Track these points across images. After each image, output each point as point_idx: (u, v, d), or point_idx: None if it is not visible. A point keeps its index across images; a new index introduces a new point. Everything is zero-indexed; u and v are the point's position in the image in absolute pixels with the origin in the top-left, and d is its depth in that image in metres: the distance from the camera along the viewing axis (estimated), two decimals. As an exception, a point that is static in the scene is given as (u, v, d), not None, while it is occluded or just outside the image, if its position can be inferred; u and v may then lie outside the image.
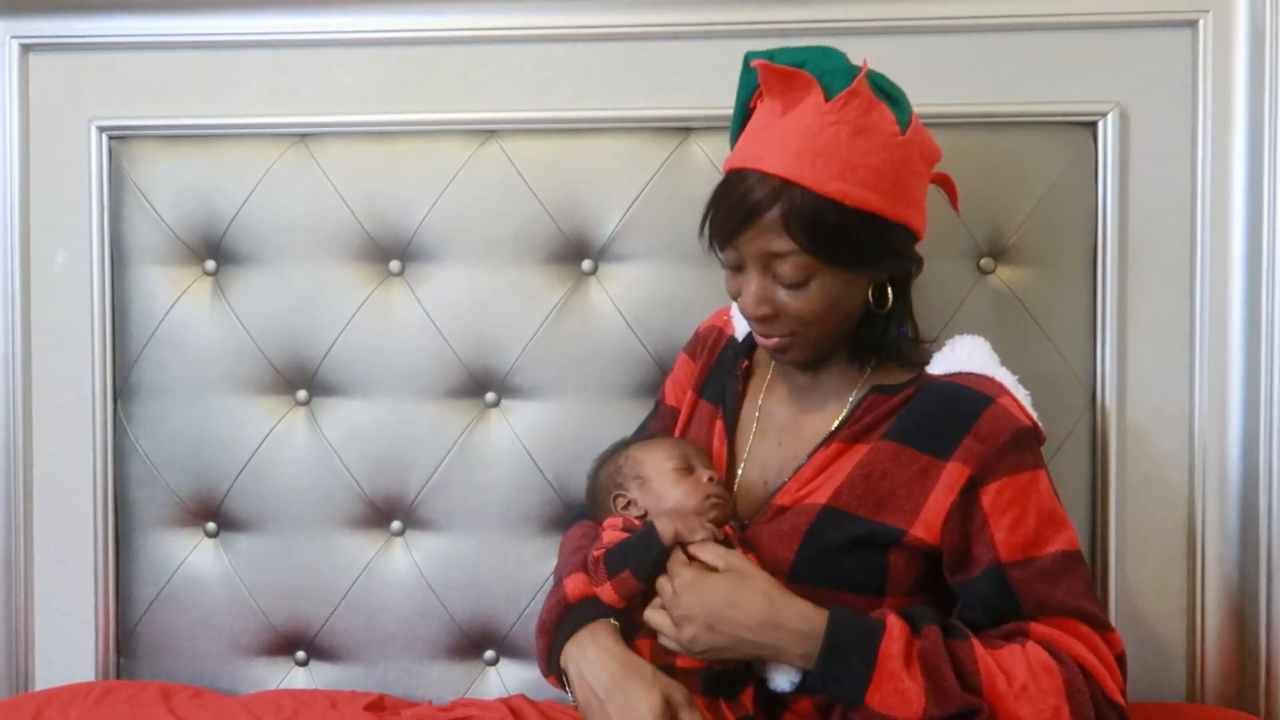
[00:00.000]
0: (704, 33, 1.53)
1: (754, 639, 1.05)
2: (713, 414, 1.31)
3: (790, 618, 1.05)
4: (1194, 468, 1.51)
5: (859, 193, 1.08)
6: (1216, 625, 1.50)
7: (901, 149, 1.11)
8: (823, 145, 1.08)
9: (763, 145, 1.11)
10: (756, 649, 1.06)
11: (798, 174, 1.08)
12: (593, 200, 1.53)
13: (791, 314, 1.13)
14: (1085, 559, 1.13)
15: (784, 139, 1.09)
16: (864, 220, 1.09)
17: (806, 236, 1.08)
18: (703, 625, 1.05)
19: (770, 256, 1.11)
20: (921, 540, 1.10)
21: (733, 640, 1.05)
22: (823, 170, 1.07)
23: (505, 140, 1.54)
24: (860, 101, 1.09)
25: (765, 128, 1.12)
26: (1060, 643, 1.05)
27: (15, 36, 1.58)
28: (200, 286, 1.58)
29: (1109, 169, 1.48)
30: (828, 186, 1.07)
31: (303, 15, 1.56)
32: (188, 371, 1.56)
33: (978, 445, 1.09)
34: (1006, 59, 1.51)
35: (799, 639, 1.04)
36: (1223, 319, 1.49)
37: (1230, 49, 1.47)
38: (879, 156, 1.09)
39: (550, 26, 1.54)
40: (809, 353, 1.19)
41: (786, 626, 1.04)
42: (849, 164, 1.08)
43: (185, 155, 1.57)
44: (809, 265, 1.10)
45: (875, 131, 1.09)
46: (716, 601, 1.05)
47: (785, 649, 1.05)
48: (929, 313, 1.45)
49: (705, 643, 1.05)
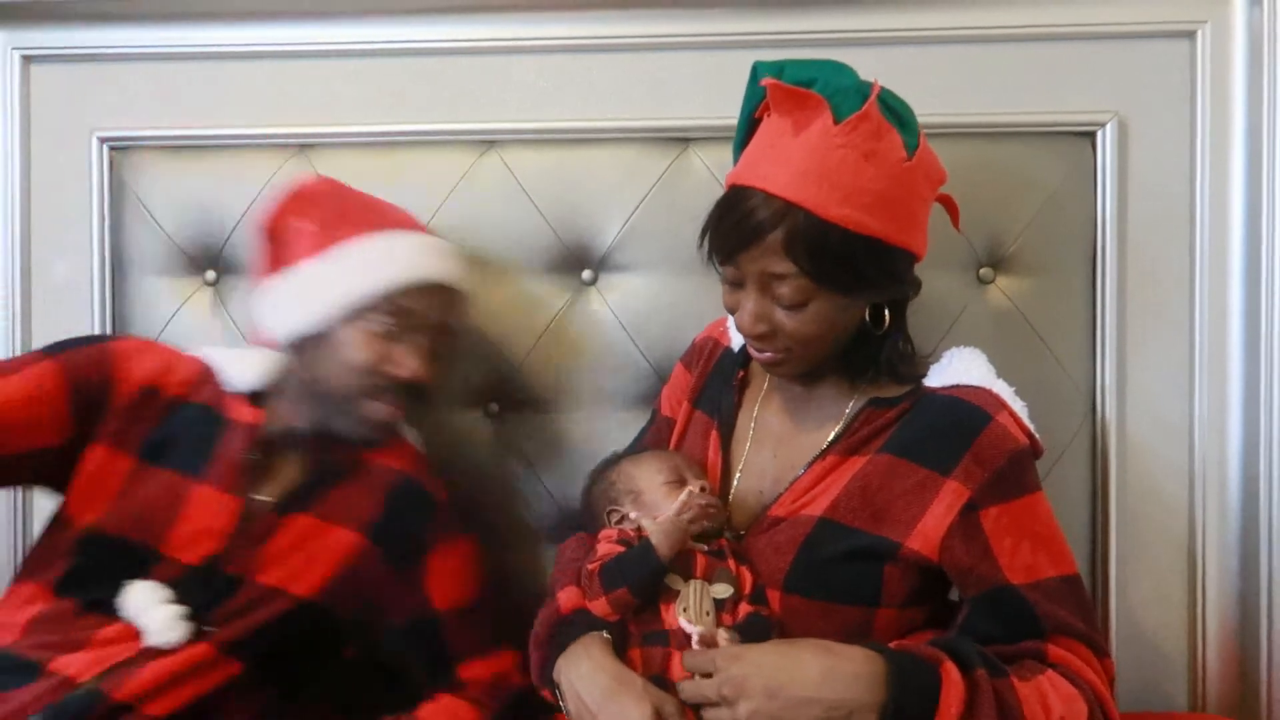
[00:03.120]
0: (704, 44, 1.53)
1: (818, 695, 0.96)
2: (708, 425, 1.31)
3: (850, 660, 0.98)
4: (1194, 477, 1.51)
5: (863, 218, 1.07)
6: (1217, 635, 1.50)
7: (908, 174, 1.10)
8: (830, 169, 1.07)
9: (769, 163, 1.10)
10: (827, 710, 0.96)
11: (802, 197, 1.07)
12: (593, 210, 1.53)
13: (788, 333, 1.13)
14: (1084, 577, 1.13)
15: (790, 159, 1.08)
16: (866, 246, 1.09)
17: (808, 260, 1.08)
18: (762, 696, 0.96)
19: (770, 277, 1.11)
20: (918, 553, 1.10)
21: (798, 703, 0.96)
22: (828, 195, 1.06)
23: (505, 151, 1.55)
24: (870, 126, 1.07)
25: (771, 145, 1.11)
26: (1074, 667, 1.04)
27: (17, 48, 1.59)
28: (201, 297, 1.58)
29: (1108, 179, 1.49)
30: (832, 212, 1.06)
31: (303, 27, 1.56)
32: (188, 382, 1.56)
33: (977, 469, 1.09)
34: (1006, 69, 1.51)
35: (866, 686, 0.96)
36: (1222, 328, 1.49)
37: (1228, 59, 1.48)
38: (885, 183, 1.08)
39: (550, 38, 1.54)
40: (803, 368, 1.19)
41: (847, 674, 0.97)
42: (855, 189, 1.07)
43: (186, 166, 1.58)
44: (808, 288, 1.10)
45: (883, 158, 1.08)
46: (770, 666, 0.98)
47: (855, 701, 0.96)
48: (928, 323, 1.45)
49: (766, 713, 0.96)
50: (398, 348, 1.23)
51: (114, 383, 1.26)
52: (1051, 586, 1.07)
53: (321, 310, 1.23)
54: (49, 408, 1.22)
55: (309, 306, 1.24)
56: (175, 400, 1.27)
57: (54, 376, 1.23)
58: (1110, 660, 1.09)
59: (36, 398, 1.21)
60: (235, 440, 1.25)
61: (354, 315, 1.23)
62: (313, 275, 1.25)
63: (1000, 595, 1.07)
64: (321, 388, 1.25)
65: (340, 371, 1.24)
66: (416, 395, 1.25)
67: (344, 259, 1.25)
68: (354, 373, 1.23)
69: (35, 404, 1.21)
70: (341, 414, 1.25)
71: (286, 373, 1.29)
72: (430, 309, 1.25)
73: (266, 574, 1.22)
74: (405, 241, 1.28)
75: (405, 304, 1.23)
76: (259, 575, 1.21)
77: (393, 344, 1.23)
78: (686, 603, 1.11)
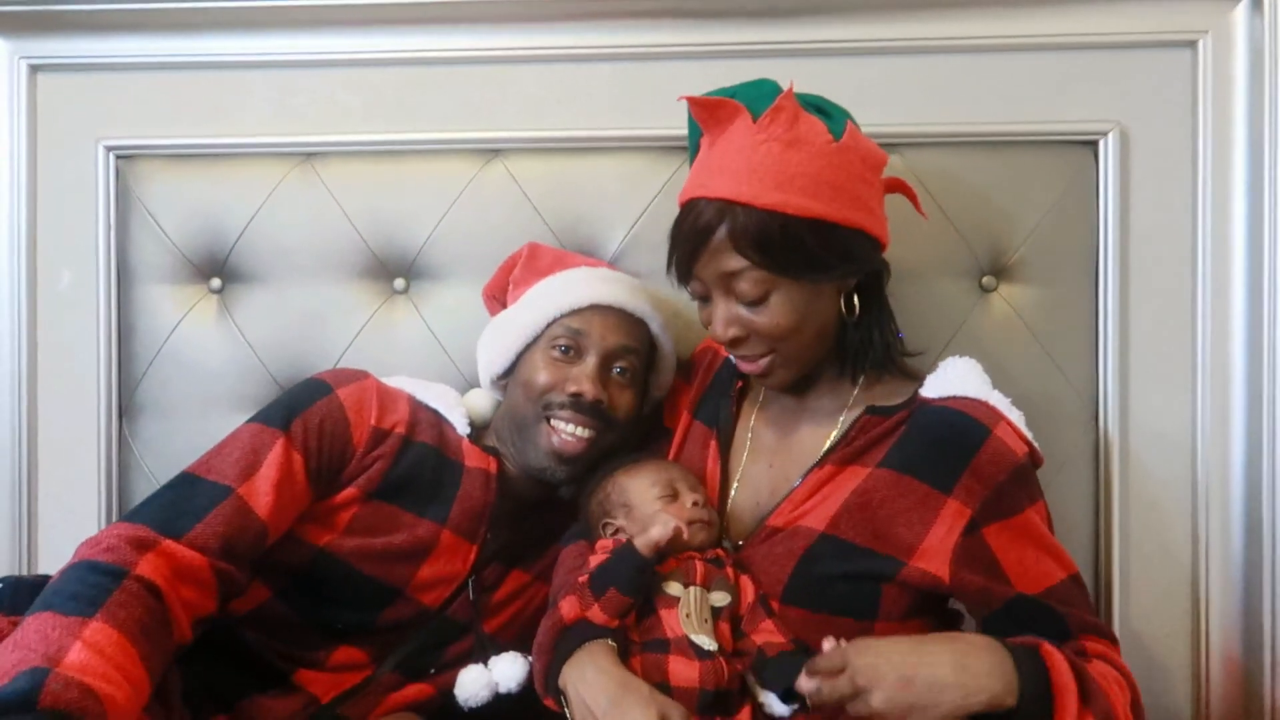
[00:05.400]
0: (706, 53, 1.54)
1: (956, 681, 0.96)
2: (707, 435, 1.32)
3: (977, 648, 0.99)
4: (1197, 486, 1.51)
5: (800, 201, 1.10)
6: (1220, 645, 1.50)
7: (839, 155, 1.13)
8: (756, 163, 1.11)
9: (705, 174, 1.15)
10: (965, 697, 0.96)
11: (736, 192, 1.11)
12: (597, 219, 1.54)
13: (762, 332, 1.15)
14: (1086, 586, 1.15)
15: (722, 163, 1.13)
16: (811, 228, 1.11)
17: (755, 251, 1.11)
18: (895, 684, 0.96)
19: (727, 277, 1.13)
20: (922, 571, 1.10)
21: (933, 689, 0.96)
22: (759, 186, 1.10)
23: (509, 159, 1.55)
24: (786, 116, 1.11)
25: (705, 158, 1.17)
26: (1110, 657, 1.08)
27: (24, 57, 1.60)
28: (206, 305, 1.58)
29: (1110, 188, 1.49)
30: (767, 199, 1.10)
31: (308, 36, 1.57)
32: (193, 389, 1.57)
33: (977, 486, 1.10)
34: (1008, 79, 1.52)
35: (999, 672, 0.97)
36: (1224, 337, 1.49)
37: (1229, 69, 1.48)
38: (815, 164, 1.11)
39: (554, 47, 1.55)
40: (792, 371, 1.20)
41: (980, 660, 0.98)
42: (784, 176, 1.10)
43: (191, 174, 1.59)
44: (765, 280, 1.12)
45: (806, 142, 1.12)
46: (901, 655, 0.98)
47: (990, 686, 0.96)
48: (931, 331, 1.46)
49: (902, 702, 0.96)
50: (574, 368, 1.28)
51: (350, 440, 1.27)
52: (1064, 589, 1.10)
53: (512, 345, 1.34)
54: (306, 496, 1.23)
55: (503, 344, 1.35)
56: (402, 439, 1.30)
57: (291, 456, 1.22)
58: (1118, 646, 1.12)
59: (285, 482, 1.21)
60: (474, 488, 1.30)
61: (535, 342, 1.33)
62: (507, 319, 1.37)
63: (1017, 606, 1.08)
64: (517, 417, 1.31)
65: (527, 396, 1.30)
66: (602, 419, 1.28)
67: (531, 299, 1.36)
68: (537, 394, 1.29)
69: (285, 489, 1.21)
70: (532, 445, 1.29)
71: (497, 416, 1.39)
72: (605, 331, 1.30)
73: (490, 622, 1.30)
74: (581, 273, 1.37)
75: (579, 326, 1.30)
76: (485, 623, 1.30)
77: (570, 365, 1.29)
78: (688, 609, 1.11)
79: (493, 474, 1.32)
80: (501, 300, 1.44)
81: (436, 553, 1.27)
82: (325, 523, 1.25)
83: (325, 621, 1.25)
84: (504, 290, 1.43)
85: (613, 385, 1.30)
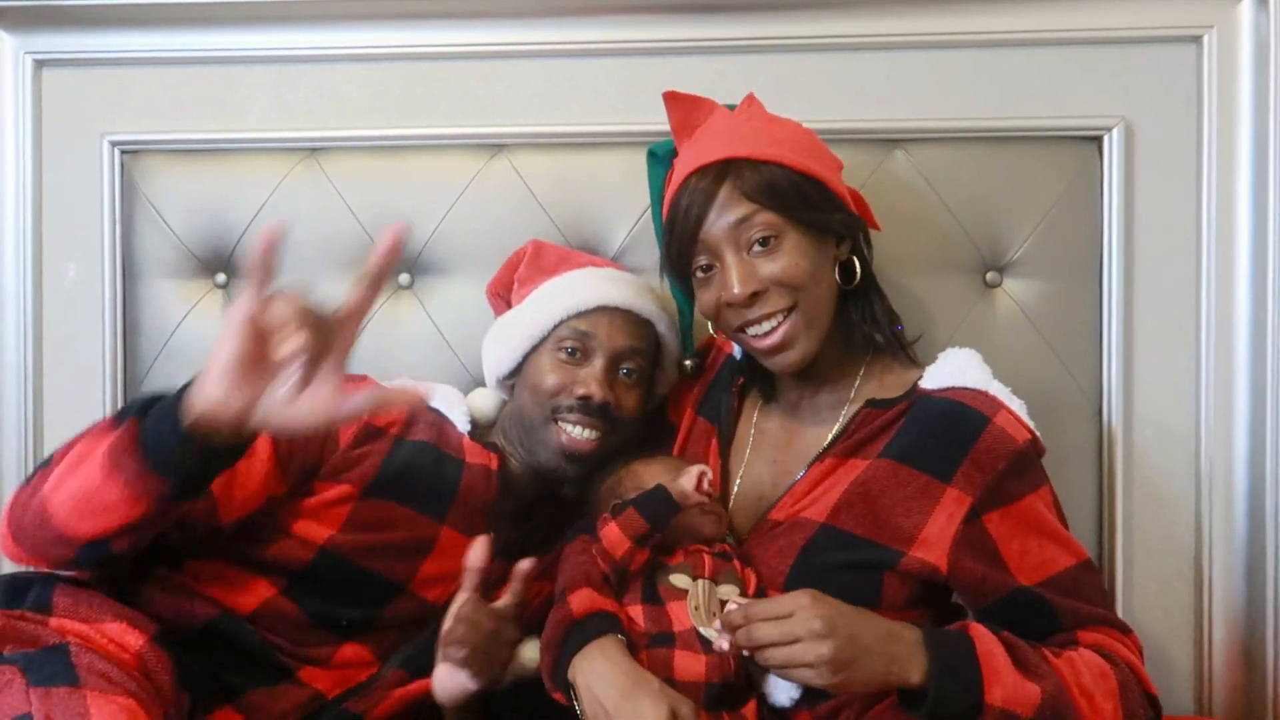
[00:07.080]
0: (709, 48, 1.54)
1: (885, 650, 0.98)
2: (709, 431, 1.32)
3: (899, 625, 1.00)
4: (1200, 481, 1.51)
5: (794, 157, 1.16)
6: (1224, 639, 1.50)
7: (812, 136, 1.23)
8: (748, 131, 1.19)
9: (694, 155, 1.19)
10: (887, 662, 0.97)
11: (736, 150, 1.16)
12: (601, 214, 1.54)
13: (781, 279, 1.15)
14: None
15: (711, 139, 1.19)
16: (806, 179, 1.16)
17: (763, 194, 1.14)
18: (845, 638, 0.96)
19: (737, 227, 1.15)
20: (921, 560, 1.10)
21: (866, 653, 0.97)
22: (755, 143, 1.17)
23: (514, 154, 1.56)
24: (758, 106, 1.23)
25: (689, 145, 1.21)
26: (1108, 646, 1.07)
27: (29, 52, 1.60)
28: (211, 300, 1.59)
29: (1114, 183, 1.49)
30: (766, 152, 1.17)
31: (312, 31, 1.57)
32: (198, 384, 1.57)
33: (977, 474, 1.10)
34: (1012, 74, 1.52)
35: (913, 646, 0.99)
36: (1228, 332, 1.50)
37: (1235, 64, 1.48)
38: (798, 134, 1.21)
39: (558, 42, 1.55)
40: (811, 338, 1.18)
41: (902, 636, 0.99)
42: (775, 138, 1.18)
43: (197, 169, 1.59)
44: (775, 222, 1.15)
45: (784, 121, 1.22)
46: (848, 614, 0.99)
47: (907, 658, 0.98)
48: (935, 327, 1.46)
49: (847, 656, 0.96)
50: (582, 371, 1.28)
51: (332, 433, 1.26)
52: (1067, 578, 1.09)
53: (518, 346, 1.34)
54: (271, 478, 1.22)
55: (508, 344, 1.35)
56: (395, 438, 1.30)
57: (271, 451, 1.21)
58: (1134, 635, 1.11)
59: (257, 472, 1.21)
60: (475, 484, 1.30)
61: (542, 343, 1.32)
62: (513, 319, 1.37)
63: (1016, 598, 1.08)
64: (524, 418, 1.31)
65: (534, 398, 1.30)
66: (609, 420, 1.29)
67: (537, 299, 1.35)
68: (545, 396, 1.29)
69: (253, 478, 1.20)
70: (541, 445, 1.30)
71: (503, 415, 1.39)
72: (612, 333, 1.30)
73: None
74: (587, 274, 1.36)
75: (586, 328, 1.30)
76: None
77: (578, 368, 1.29)
78: (696, 601, 1.12)
79: (494, 470, 1.32)
80: (506, 298, 1.44)
81: (438, 549, 1.28)
82: (324, 519, 1.25)
83: (329, 619, 1.25)
84: (508, 288, 1.43)
85: (619, 386, 1.30)
